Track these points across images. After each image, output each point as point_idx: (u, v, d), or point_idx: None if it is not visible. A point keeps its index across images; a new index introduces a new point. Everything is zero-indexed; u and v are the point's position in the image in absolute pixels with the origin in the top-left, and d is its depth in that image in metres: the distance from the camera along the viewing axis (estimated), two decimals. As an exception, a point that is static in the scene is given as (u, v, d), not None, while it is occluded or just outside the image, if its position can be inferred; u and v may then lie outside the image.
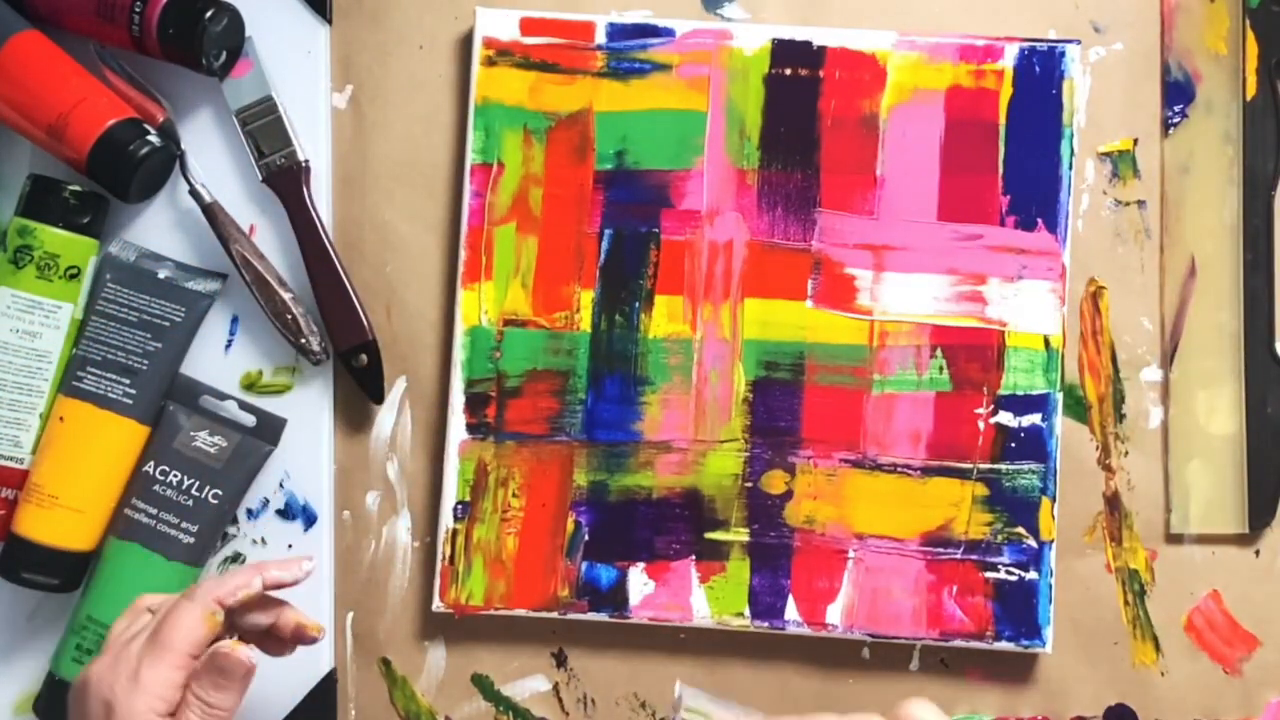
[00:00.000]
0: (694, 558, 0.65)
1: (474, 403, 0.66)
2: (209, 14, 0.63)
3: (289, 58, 0.67)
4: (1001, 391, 0.65)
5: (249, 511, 0.67)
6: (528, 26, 0.66)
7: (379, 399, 0.67)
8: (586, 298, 0.66)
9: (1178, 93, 0.68)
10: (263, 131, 0.66)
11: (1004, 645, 0.65)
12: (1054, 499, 0.65)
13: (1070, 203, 0.66)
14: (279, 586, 0.58)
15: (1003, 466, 0.65)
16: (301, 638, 0.59)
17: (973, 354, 0.65)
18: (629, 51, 0.66)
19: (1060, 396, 0.65)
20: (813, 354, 0.66)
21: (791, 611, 0.65)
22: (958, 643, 0.65)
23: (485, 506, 0.65)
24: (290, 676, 0.65)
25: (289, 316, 0.65)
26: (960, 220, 0.66)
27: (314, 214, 0.66)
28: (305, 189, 0.66)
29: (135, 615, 0.57)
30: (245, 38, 0.67)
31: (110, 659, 0.54)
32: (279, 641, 0.59)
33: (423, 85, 0.68)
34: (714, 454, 0.65)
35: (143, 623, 0.57)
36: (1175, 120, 0.68)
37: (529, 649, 0.67)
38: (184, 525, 0.64)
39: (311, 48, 0.68)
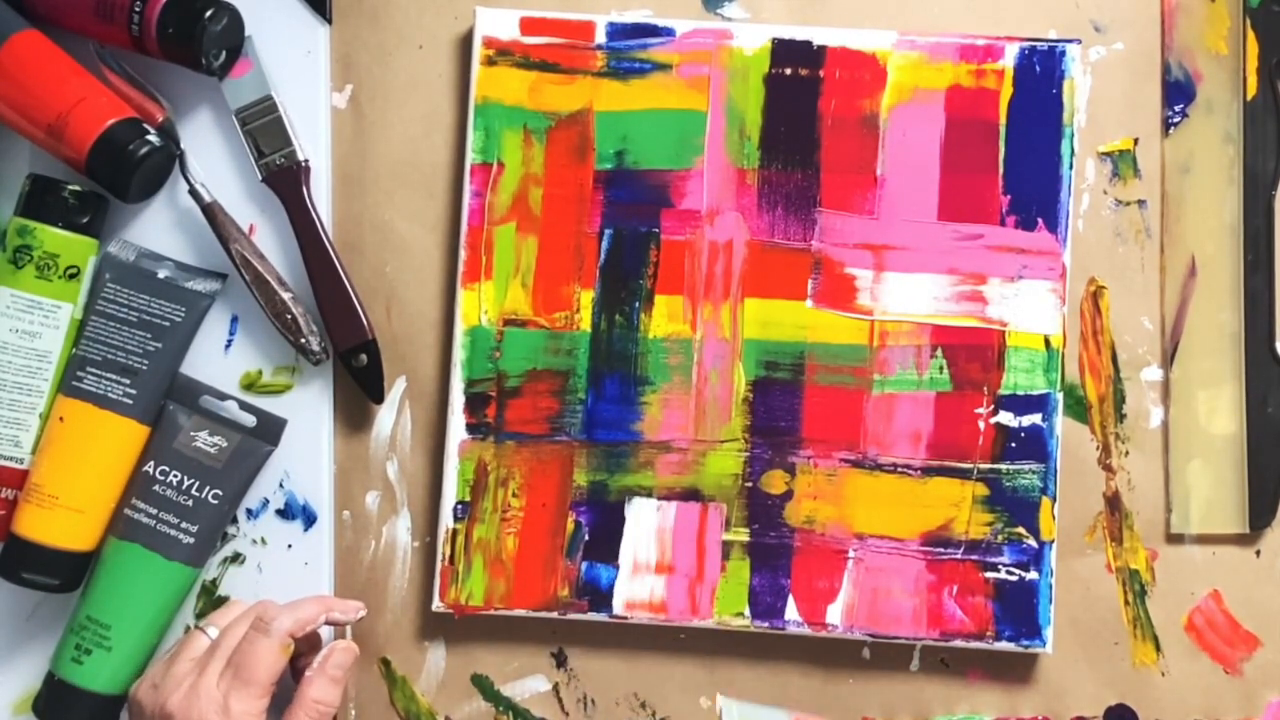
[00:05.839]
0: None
1: (474, 403, 0.66)
2: (209, 14, 0.63)
3: (289, 57, 0.67)
4: (1002, 391, 0.65)
5: (249, 511, 0.67)
6: (528, 26, 0.66)
7: (379, 399, 0.67)
8: (586, 298, 0.66)
9: (1178, 92, 0.68)
10: (262, 131, 0.66)
11: (1004, 645, 0.65)
12: (1054, 499, 0.65)
13: (1070, 202, 0.66)
14: (333, 624, 0.64)
15: (1003, 466, 0.65)
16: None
17: (973, 354, 0.65)
18: (629, 51, 0.66)
19: (1060, 396, 0.65)
20: (813, 354, 0.65)
21: (791, 611, 0.65)
22: (958, 643, 0.65)
23: (485, 506, 0.65)
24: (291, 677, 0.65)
25: (289, 316, 0.65)
26: (960, 220, 0.66)
27: (314, 214, 0.66)
28: (305, 189, 0.66)
29: (190, 643, 0.62)
30: (245, 37, 0.67)
31: (186, 692, 0.59)
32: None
33: (423, 85, 0.68)
34: (714, 454, 0.65)
35: (200, 647, 0.61)
36: (1176, 120, 0.68)
37: (529, 649, 0.67)
38: (184, 525, 0.64)
39: (311, 47, 0.68)
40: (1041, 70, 0.66)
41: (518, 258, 0.66)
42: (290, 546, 0.67)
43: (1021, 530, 0.65)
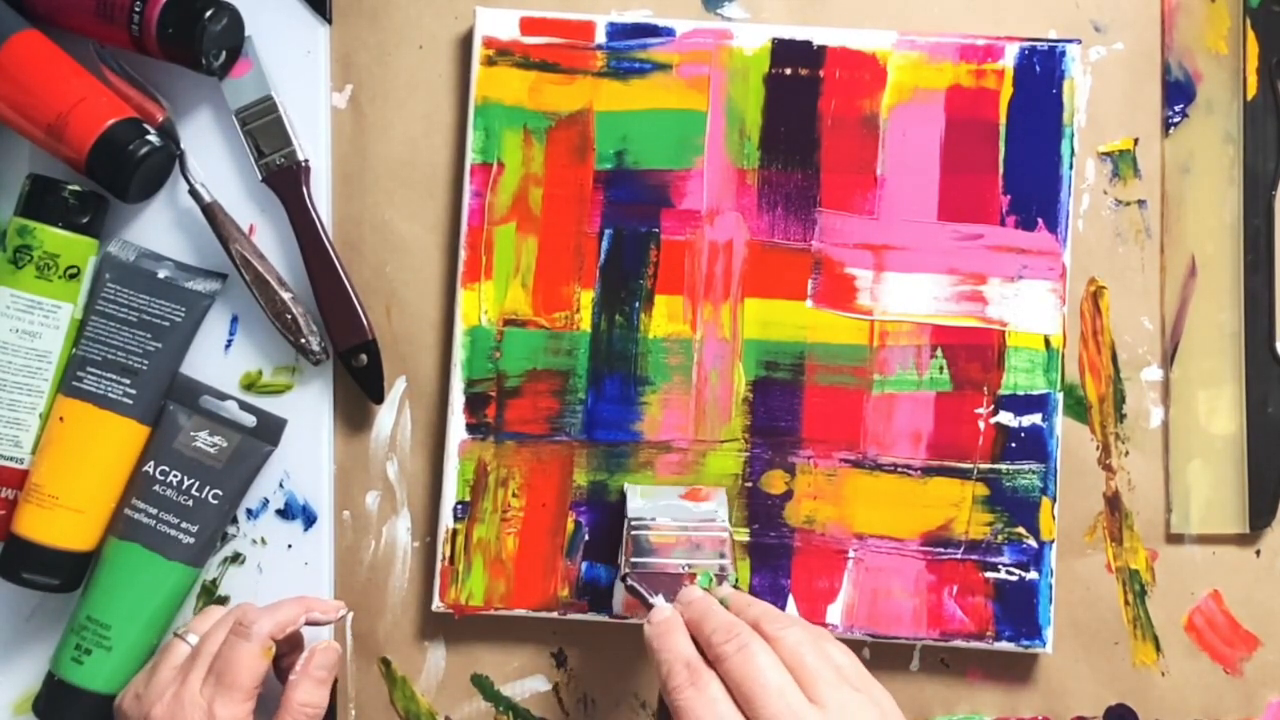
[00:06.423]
0: (694, 558, 0.65)
1: (474, 403, 0.66)
2: (209, 14, 0.63)
3: (289, 57, 0.67)
4: (1002, 391, 0.65)
5: (249, 511, 0.67)
6: (528, 26, 0.66)
7: (379, 399, 0.67)
8: (586, 298, 0.66)
9: (1178, 92, 0.68)
10: (262, 131, 0.66)
11: (1004, 645, 0.65)
12: (1054, 499, 0.65)
13: (1071, 202, 0.66)
14: (314, 624, 0.63)
15: (1003, 466, 0.65)
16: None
17: (973, 354, 0.65)
18: (629, 51, 0.66)
19: (1060, 396, 0.65)
20: (813, 354, 0.66)
21: (792, 611, 0.65)
22: (958, 643, 0.65)
23: (485, 506, 0.65)
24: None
25: (289, 316, 0.65)
26: (960, 220, 0.66)
27: (314, 214, 0.66)
28: (305, 189, 0.66)
29: (170, 651, 0.61)
30: (245, 37, 0.67)
31: (170, 701, 0.59)
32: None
33: (423, 85, 0.68)
34: (714, 454, 0.65)
35: (181, 654, 0.61)
36: (1176, 120, 0.68)
37: (529, 649, 0.67)
38: (184, 525, 0.64)
39: (311, 47, 0.67)
40: (1041, 70, 0.66)
41: (518, 258, 0.66)
42: (290, 546, 0.67)
43: (1021, 530, 0.65)
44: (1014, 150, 0.66)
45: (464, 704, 0.67)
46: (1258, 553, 0.67)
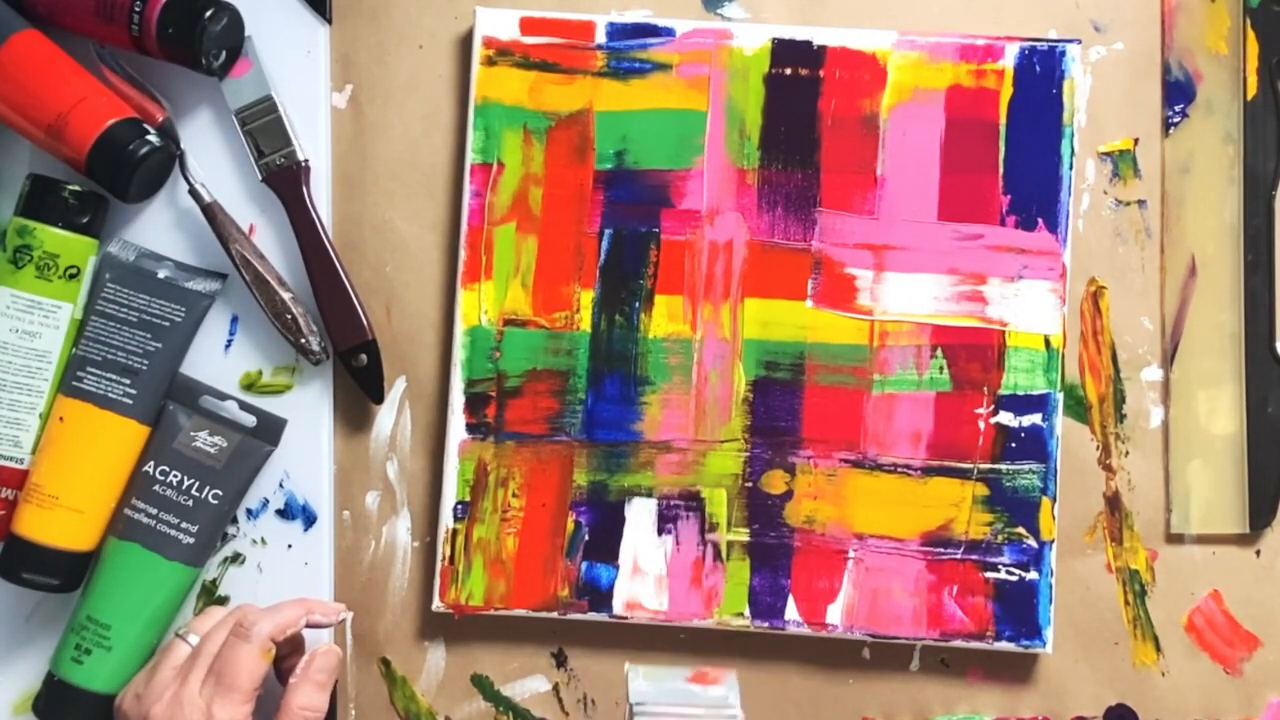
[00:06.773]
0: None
1: (474, 403, 0.66)
2: (208, 14, 0.63)
3: (289, 57, 0.67)
4: (1002, 391, 0.65)
5: (249, 511, 0.67)
6: (528, 26, 0.66)
7: (379, 399, 0.67)
8: (586, 298, 0.66)
9: (1178, 92, 0.68)
10: (262, 131, 0.66)
11: (1004, 645, 0.65)
12: (1054, 499, 0.65)
13: (1071, 202, 0.66)
14: (314, 626, 0.63)
15: (1003, 466, 0.65)
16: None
17: (973, 354, 0.65)
18: (629, 51, 0.66)
19: (1061, 396, 0.65)
20: (813, 354, 0.66)
21: (791, 611, 0.65)
22: (958, 643, 0.65)
23: (485, 506, 0.65)
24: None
25: (289, 316, 0.65)
26: (960, 220, 0.66)
27: (314, 214, 0.66)
28: (305, 189, 0.66)
29: (171, 652, 0.61)
30: (245, 37, 0.67)
31: (169, 701, 0.59)
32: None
33: (423, 85, 0.68)
34: (714, 454, 0.65)
35: (182, 655, 0.61)
36: (1176, 120, 0.68)
37: (529, 649, 0.67)
38: (184, 525, 0.64)
39: (311, 47, 0.68)
40: (1041, 70, 0.66)
41: (518, 258, 0.66)
42: (290, 546, 0.67)
43: (1021, 530, 0.65)
44: (1014, 150, 0.66)
45: (464, 704, 0.67)
46: (1258, 553, 0.67)
